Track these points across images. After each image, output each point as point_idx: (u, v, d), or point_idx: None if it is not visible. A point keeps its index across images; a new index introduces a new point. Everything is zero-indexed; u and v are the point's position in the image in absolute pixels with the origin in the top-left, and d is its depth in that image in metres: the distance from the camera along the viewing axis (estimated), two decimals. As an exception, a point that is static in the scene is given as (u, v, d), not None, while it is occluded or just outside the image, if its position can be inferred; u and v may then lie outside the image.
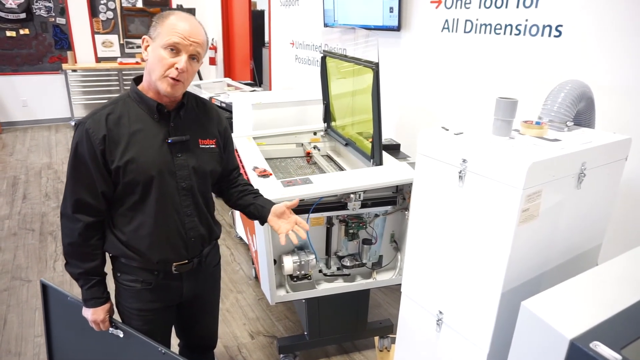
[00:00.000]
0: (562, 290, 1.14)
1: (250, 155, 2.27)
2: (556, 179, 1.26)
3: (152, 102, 1.34)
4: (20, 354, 2.28)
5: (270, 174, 2.00)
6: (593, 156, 1.34)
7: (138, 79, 1.39)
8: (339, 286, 2.07)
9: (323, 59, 2.57)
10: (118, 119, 1.31)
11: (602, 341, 0.96)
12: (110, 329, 1.45)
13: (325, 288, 2.05)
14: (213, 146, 1.47)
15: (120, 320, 1.50)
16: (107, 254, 1.44)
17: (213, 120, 1.50)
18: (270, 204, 1.55)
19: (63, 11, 6.41)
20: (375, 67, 1.87)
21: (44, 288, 1.57)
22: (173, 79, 1.28)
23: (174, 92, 1.31)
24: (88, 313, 1.42)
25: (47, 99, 6.65)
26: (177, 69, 1.27)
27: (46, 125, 6.77)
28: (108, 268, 1.44)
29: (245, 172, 2.10)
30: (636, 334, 0.99)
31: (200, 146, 1.43)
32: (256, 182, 1.92)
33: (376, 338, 2.37)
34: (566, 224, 1.40)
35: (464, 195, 1.34)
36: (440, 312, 1.51)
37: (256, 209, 1.55)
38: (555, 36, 2.17)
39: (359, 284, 2.09)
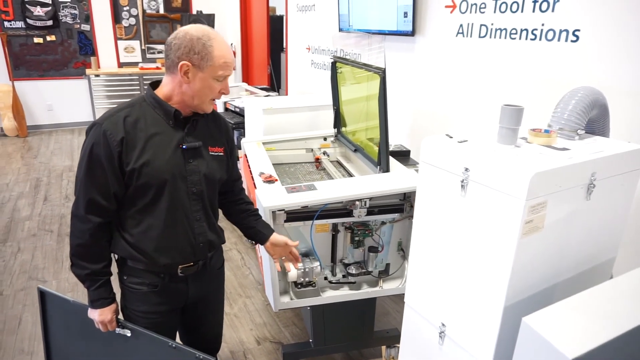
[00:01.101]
0: (566, 306, 1.09)
1: (257, 161, 2.27)
2: (563, 190, 1.21)
3: (170, 108, 1.37)
4: (32, 353, 2.33)
5: (276, 180, 1.99)
6: (604, 166, 1.28)
7: (154, 84, 1.41)
8: (345, 294, 2.05)
9: (333, 64, 2.55)
10: (135, 122, 1.33)
11: (604, 362, 0.91)
12: (117, 329, 1.46)
13: (330, 295, 2.03)
14: (221, 154, 1.51)
15: None
16: (113, 257, 1.46)
17: (222, 129, 1.54)
18: (270, 230, 1.67)
19: (88, 18, 6.59)
20: (382, 73, 1.85)
21: (42, 295, 1.57)
22: (213, 99, 1.39)
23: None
24: (95, 314, 1.43)
25: (71, 104, 6.84)
26: (223, 93, 1.38)
27: (69, 128, 6.96)
28: (113, 269, 1.45)
29: (252, 177, 2.10)
30: (642, 355, 0.93)
31: (211, 153, 1.47)
32: (261, 188, 1.92)
33: (383, 347, 2.32)
34: (575, 237, 1.34)
35: (466, 204, 1.30)
36: (443, 325, 1.47)
37: (255, 233, 1.67)
38: (572, 41, 2.10)
39: (365, 292, 2.06)
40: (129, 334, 1.45)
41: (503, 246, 1.20)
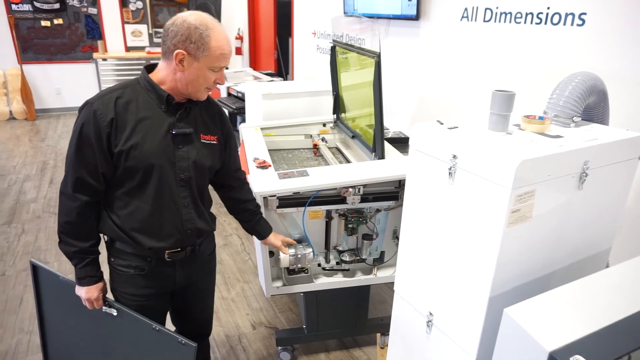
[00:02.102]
0: (549, 298, 1.06)
1: (253, 146, 2.25)
2: (553, 179, 1.17)
3: (163, 92, 1.36)
4: (31, 333, 2.37)
5: (269, 165, 1.97)
6: (597, 155, 1.24)
7: (149, 67, 1.40)
8: (338, 281, 2.04)
9: (333, 48, 2.51)
10: (126, 104, 1.32)
11: (583, 356, 0.89)
12: (104, 307, 1.47)
13: (324, 282, 2.02)
14: (214, 142, 1.49)
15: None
16: (103, 238, 1.46)
17: (216, 117, 1.52)
18: (269, 231, 1.78)
19: (95, 1, 6.58)
20: (377, 58, 1.80)
21: (34, 269, 1.59)
22: (208, 88, 1.37)
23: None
24: (82, 291, 1.44)
25: (78, 87, 6.86)
26: (217, 83, 1.36)
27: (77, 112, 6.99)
28: (101, 248, 1.45)
29: (246, 162, 2.09)
30: (622, 350, 0.91)
31: (202, 141, 1.45)
32: (254, 173, 1.91)
33: (378, 335, 2.32)
34: (567, 227, 1.30)
35: (454, 192, 1.27)
36: (431, 314, 1.45)
37: (255, 232, 1.77)
38: (578, 25, 2.03)
39: (358, 279, 2.05)
40: (115, 313, 1.46)
41: (489, 236, 1.17)
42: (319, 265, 2.05)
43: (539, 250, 1.27)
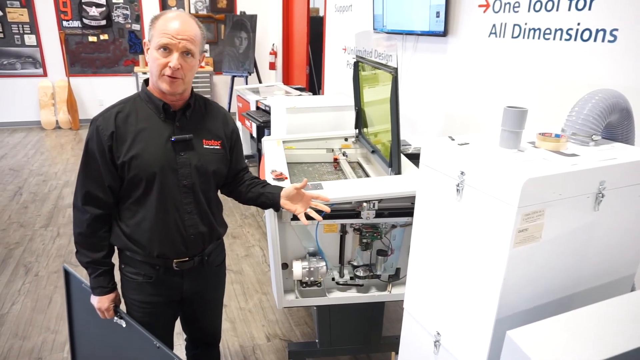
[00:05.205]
0: (555, 323, 1.02)
1: (273, 158, 2.28)
2: (564, 199, 1.12)
3: (159, 101, 1.40)
4: (57, 332, 2.47)
5: (286, 178, 1.99)
6: (615, 175, 1.18)
7: (149, 81, 1.45)
8: (351, 296, 2.02)
9: (356, 64, 2.53)
10: (126, 117, 1.38)
11: (586, 386, 0.84)
12: (115, 318, 1.52)
13: (337, 297, 2.01)
14: (218, 147, 1.51)
15: (125, 310, 1.57)
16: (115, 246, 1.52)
17: (219, 122, 1.54)
18: (279, 189, 1.63)
19: (138, 18, 6.92)
20: (394, 73, 1.80)
21: (67, 274, 1.68)
22: (170, 76, 1.33)
23: (174, 90, 1.36)
24: (95, 301, 1.49)
25: (120, 99, 7.18)
26: (170, 67, 1.32)
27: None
28: (116, 259, 1.50)
29: (264, 174, 2.12)
30: (628, 382, 0.85)
31: (205, 146, 1.48)
32: (270, 185, 1.93)
33: (392, 354, 2.27)
34: (584, 249, 1.25)
35: (461, 210, 1.25)
36: (438, 333, 1.41)
37: (267, 197, 1.63)
38: (609, 41, 1.97)
39: (372, 295, 2.02)
40: (123, 325, 1.50)
41: (495, 255, 1.13)
42: (333, 279, 2.04)
43: (553, 272, 1.22)
